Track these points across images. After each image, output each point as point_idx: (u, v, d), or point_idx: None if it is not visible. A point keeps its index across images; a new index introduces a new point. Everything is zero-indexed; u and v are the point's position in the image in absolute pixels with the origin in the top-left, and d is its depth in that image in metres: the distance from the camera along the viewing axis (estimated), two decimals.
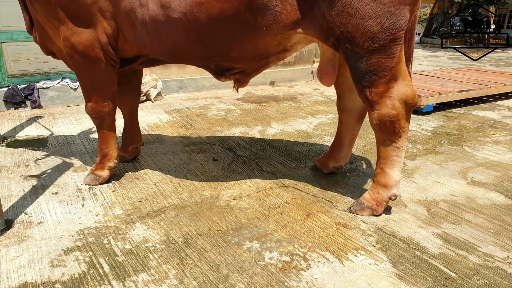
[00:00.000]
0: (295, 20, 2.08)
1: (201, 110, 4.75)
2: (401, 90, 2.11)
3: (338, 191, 2.65)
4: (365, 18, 1.93)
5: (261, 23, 2.07)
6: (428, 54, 12.90)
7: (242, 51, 2.25)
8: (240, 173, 2.92)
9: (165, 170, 2.95)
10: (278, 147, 3.49)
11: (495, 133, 4.06)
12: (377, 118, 2.15)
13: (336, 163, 2.84)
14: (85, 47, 2.28)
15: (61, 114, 4.45)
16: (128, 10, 2.18)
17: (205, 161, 3.13)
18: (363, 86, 2.11)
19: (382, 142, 2.23)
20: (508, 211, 2.44)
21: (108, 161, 2.65)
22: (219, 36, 2.14)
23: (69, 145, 3.45)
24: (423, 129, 4.14)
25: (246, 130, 3.99)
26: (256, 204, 2.45)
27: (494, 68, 9.43)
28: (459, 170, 3.06)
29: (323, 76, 2.50)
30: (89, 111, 2.53)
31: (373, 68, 2.04)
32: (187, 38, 2.18)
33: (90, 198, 2.49)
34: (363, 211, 2.33)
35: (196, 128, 4.00)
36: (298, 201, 2.50)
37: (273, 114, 4.65)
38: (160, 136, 3.73)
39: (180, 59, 2.41)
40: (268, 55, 2.37)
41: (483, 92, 5.32)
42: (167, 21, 2.10)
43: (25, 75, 4.66)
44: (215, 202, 2.46)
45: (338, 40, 2.05)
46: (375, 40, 1.97)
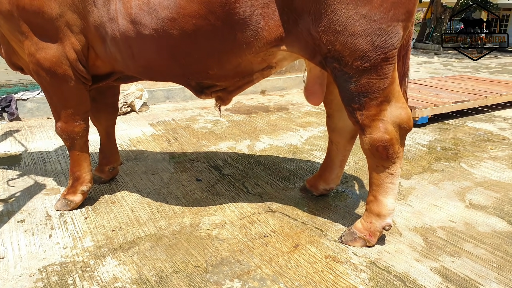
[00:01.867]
0: (278, 36, 1.90)
1: (187, 122, 4.56)
2: (395, 113, 1.94)
3: (328, 216, 2.47)
4: (354, 35, 1.75)
5: (241, 39, 1.89)
6: (422, 60, 12.81)
7: (221, 69, 2.06)
8: (224, 195, 2.73)
9: (143, 192, 2.75)
10: (267, 165, 3.31)
11: (493, 147, 3.91)
12: (369, 142, 1.97)
13: (326, 185, 2.66)
14: (52, 63, 2.09)
15: (39, 128, 4.23)
16: (97, 24, 1.99)
17: (187, 182, 2.93)
18: (353, 109, 1.94)
19: (375, 168, 2.06)
20: (510, 239, 2.27)
21: (81, 184, 2.45)
22: (196, 53, 1.96)
23: (44, 163, 3.24)
24: (418, 143, 3.98)
25: (233, 145, 3.80)
26: (239, 233, 2.26)
27: (488, 75, 9.34)
28: (456, 190, 2.90)
29: (310, 96, 2.32)
30: (59, 132, 2.33)
31: (363, 89, 1.87)
32: (161, 55, 1.99)
33: (59, 227, 2.29)
34: (355, 241, 2.15)
35: (181, 143, 3.81)
36: (285, 229, 2.32)
37: (262, 126, 4.47)
38: (142, 152, 3.53)
39: (155, 77, 2.22)
40: (251, 73, 2.19)
41: (479, 102, 5.19)
42: (138, 38, 1.92)
43: (2, 86, 4.42)
44: (195, 232, 2.27)
45: (326, 58, 1.87)
46: (366, 59, 1.79)
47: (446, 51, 16.23)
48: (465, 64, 11.76)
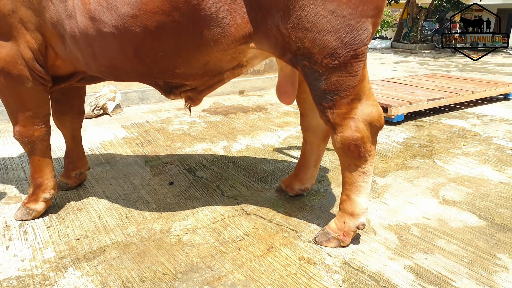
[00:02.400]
0: (247, 33, 1.84)
1: (162, 124, 4.46)
2: (366, 110, 1.91)
3: (303, 216, 2.43)
4: (322, 32, 1.71)
5: (208, 37, 1.83)
6: (399, 59, 13.00)
7: (189, 67, 1.99)
8: (197, 199, 2.65)
9: (112, 198, 2.65)
10: (243, 166, 3.25)
11: (465, 143, 3.95)
12: (340, 141, 1.94)
13: (301, 185, 2.62)
14: (6, 63, 1.98)
15: (3, 132, 4.06)
16: (55, 21, 1.89)
17: (159, 186, 2.85)
18: (324, 107, 1.90)
19: (347, 167, 2.02)
20: (481, 234, 2.27)
21: (43, 192, 2.33)
22: (160, 51, 1.88)
23: (6, 170, 3.09)
24: (394, 141, 3.99)
25: (209, 146, 3.73)
26: (212, 238, 2.19)
27: (462, 73, 9.53)
28: (430, 187, 2.90)
29: (281, 95, 2.28)
30: (16, 136, 2.21)
31: (334, 87, 1.83)
32: (124, 54, 1.91)
33: (18, 238, 2.17)
34: (329, 242, 2.11)
35: (155, 146, 3.71)
36: (259, 231, 2.26)
37: (240, 127, 4.41)
38: (113, 156, 3.42)
39: (119, 77, 2.13)
40: (222, 71, 2.12)
41: (453, 100, 5.26)
42: (98, 35, 1.83)
43: None
44: (164, 238, 2.19)
45: (295, 56, 1.83)
46: (335, 56, 1.76)
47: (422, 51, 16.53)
48: (440, 63, 11.99)
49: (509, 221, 2.43)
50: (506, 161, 3.45)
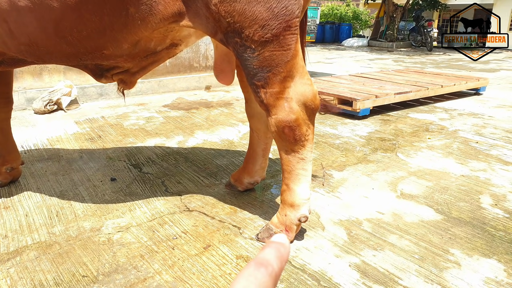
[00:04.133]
0: (176, 11, 1.68)
1: (118, 119, 4.24)
2: (299, 89, 1.77)
3: (250, 212, 2.27)
4: (251, 2, 1.58)
5: (134, 15, 1.66)
6: (374, 56, 13.00)
7: (117, 48, 1.82)
8: (138, 195, 2.47)
9: (47, 194, 2.44)
10: (195, 161, 3.07)
11: (431, 137, 3.86)
12: (275, 124, 1.80)
13: (251, 178, 2.46)
14: None
15: None
16: None
17: (100, 182, 2.65)
18: (256, 87, 1.76)
19: (284, 152, 1.88)
20: (436, 229, 2.16)
21: None
22: (83, 30, 1.70)
23: None
24: (357, 135, 3.87)
25: (163, 142, 3.54)
26: (145, 236, 2.01)
27: (435, 70, 9.55)
28: (389, 181, 2.78)
29: (219, 74, 2.14)
30: None
31: (266, 63, 1.69)
32: (43, 31, 1.72)
33: None
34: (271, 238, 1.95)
35: (104, 141, 3.50)
36: (199, 229, 2.09)
37: (200, 122, 4.23)
38: (57, 152, 3.19)
39: (42, 58, 1.93)
40: (155, 51, 1.96)
41: (421, 94, 5.19)
42: (13, 10, 1.64)
43: None
44: (93, 237, 2.00)
45: (227, 34, 1.68)
46: (267, 28, 1.62)
47: (398, 49, 16.64)
48: (415, 60, 12.03)
49: (466, 214, 2.33)
50: (470, 154, 3.37)
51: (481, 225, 2.20)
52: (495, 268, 1.83)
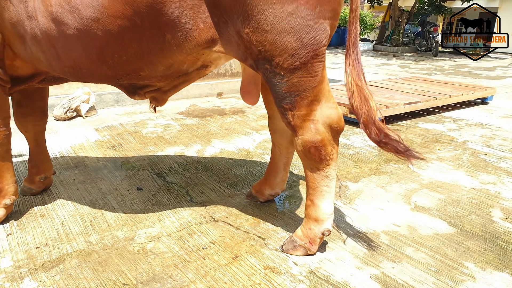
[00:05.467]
0: (209, 38, 1.80)
1: (136, 126, 4.37)
2: (325, 113, 1.89)
3: (272, 223, 2.40)
4: (282, 33, 1.69)
5: (171, 41, 1.78)
6: (381, 62, 13.10)
7: (153, 70, 1.95)
8: (165, 205, 2.59)
9: (78, 203, 2.57)
10: (215, 170, 3.20)
11: (441, 148, 3.97)
12: (301, 144, 1.92)
13: (272, 190, 2.58)
14: None
15: None
16: (14, 22, 1.82)
17: (127, 191, 2.78)
18: (284, 109, 1.88)
19: (310, 170, 2.00)
20: (450, 242, 2.27)
21: (3, 198, 2.25)
22: (124, 55, 1.83)
23: None
24: (369, 145, 3.99)
25: (182, 150, 3.66)
26: (176, 246, 2.14)
27: (441, 76, 9.65)
28: (403, 193, 2.90)
29: (245, 95, 2.27)
30: None
31: (294, 88, 1.81)
32: (87, 56, 1.85)
33: None
34: (295, 250, 2.08)
35: (126, 149, 3.63)
36: (226, 239, 2.22)
37: (216, 130, 4.36)
38: (82, 160, 3.33)
39: (83, 78, 2.07)
40: (186, 72, 2.09)
41: (430, 104, 5.30)
42: (62, 37, 1.77)
43: None
44: (128, 246, 2.12)
45: (257, 61, 1.80)
46: (296, 57, 1.74)
47: (404, 54, 16.73)
48: (421, 66, 12.12)
49: (478, 228, 2.44)
50: (479, 166, 3.48)
51: (493, 238, 2.32)
52: (508, 281, 1.94)
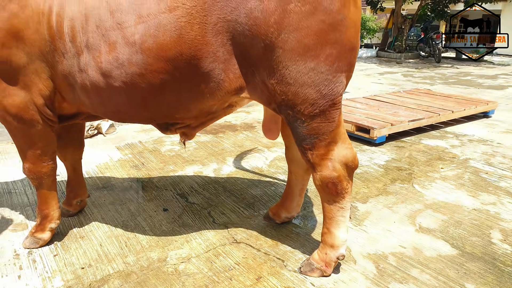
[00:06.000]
0: (238, 87, 2.05)
1: (154, 144, 4.63)
2: (342, 152, 2.13)
3: (289, 245, 2.63)
4: (304, 86, 1.93)
5: (204, 90, 2.03)
6: (384, 70, 13.32)
7: (186, 113, 2.20)
8: (190, 226, 2.84)
9: (111, 225, 2.82)
10: (232, 190, 3.44)
11: (444, 166, 4.20)
12: (319, 179, 2.16)
13: (288, 213, 2.82)
14: (19, 109, 2.15)
15: (4, 154, 4.19)
16: (66, 73, 2.07)
17: (154, 212, 3.03)
18: (304, 149, 2.12)
19: (327, 202, 2.24)
20: (452, 263, 2.50)
21: (49, 222, 2.50)
22: (163, 103, 2.08)
23: (10, 195, 3.24)
24: (376, 163, 4.22)
25: (200, 169, 3.91)
26: (205, 267, 2.38)
27: (444, 86, 9.86)
28: (408, 214, 3.13)
29: (267, 132, 2.52)
30: (26, 172, 2.38)
31: (314, 132, 2.05)
32: (130, 104, 2.10)
33: (28, 267, 2.34)
34: (312, 272, 2.32)
35: (148, 169, 3.88)
36: (249, 261, 2.46)
37: (229, 147, 4.60)
38: (109, 180, 3.58)
39: (123, 119, 2.33)
40: (215, 112, 2.34)
41: (433, 120, 5.53)
42: (108, 88, 2.02)
43: None
44: (162, 267, 2.37)
45: (280, 106, 2.04)
46: (315, 106, 1.98)
47: (407, 60, 16.95)
48: (424, 75, 12.32)
49: (478, 250, 2.67)
50: (480, 186, 3.71)
51: (492, 260, 2.55)
52: None
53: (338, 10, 1.83)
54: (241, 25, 1.85)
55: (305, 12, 1.80)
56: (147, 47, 1.87)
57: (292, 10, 1.79)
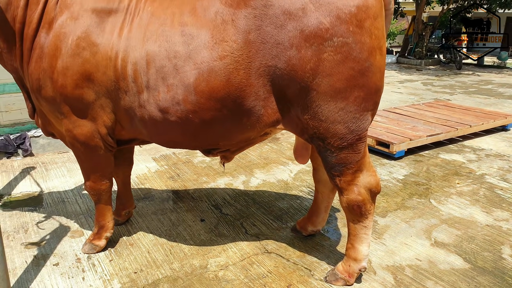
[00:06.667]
0: (275, 120, 2.37)
1: (187, 156, 4.99)
2: (366, 179, 2.42)
3: (316, 256, 2.93)
4: (334, 123, 2.23)
5: (246, 123, 2.35)
6: (404, 78, 13.44)
7: (229, 141, 2.53)
8: (226, 236, 3.17)
9: (156, 233, 3.18)
10: (261, 203, 3.76)
11: (460, 182, 4.42)
12: (346, 202, 2.45)
13: (314, 227, 3.13)
14: (86, 138, 2.52)
15: (52, 164, 4.61)
16: (127, 108, 2.42)
17: (193, 222, 3.37)
18: (333, 175, 2.42)
19: (352, 221, 2.53)
20: (464, 277, 2.76)
21: (105, 231, 2.87)
22: (211, 134, 2.42)
23: (64, 204, 3.64)
24: (394, 177, 4.48)
25: (230, 181, 4.24)
26: (241, 274, 2.71)
27: (464, 96, 9.95)
28: (424, 228, 3.39)
29: (298, 157, 2.83)
30: (87, 189, 2.75)
31: (342, 161, 2.34)
32: (183, 135, 2.44)
33: (89, 270, 2.71)
34: (337, 281, 2.62)
35: (183, 180, 4.24)
36: (279, 269, 2.77)
37: (255, 160, 4.92)
38: (149, 191, 3.95)
39: (174, 147, 2.69)
40: (253, 139, 2.66)
41: (451, 134, 5.74)
42: (164, 121, 2.36)
43: (16, 124, 4.82)
44: (204, 273, 2.71)
45: (312, 137, 2.34)
46: (344, 140, 2.27)
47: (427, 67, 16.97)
48: (444, 83, 12.40)
49: (489, 264, 2.91)
50: (494, 202, 3.93)
51: (501, 274, 2.79)
52: None
53: (365, 58, 2.13)
54: (280, 69, 2.17)
55: (337, 60, 2.10)
56: (201, 89, 2.21)
57: (325, 59, 2.10)
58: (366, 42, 2.12)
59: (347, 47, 2.09)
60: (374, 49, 2.16)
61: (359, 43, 2.11)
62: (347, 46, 2.09)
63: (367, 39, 2.12)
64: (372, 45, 2.15)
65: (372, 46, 2.15)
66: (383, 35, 2.22)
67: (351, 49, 2.10)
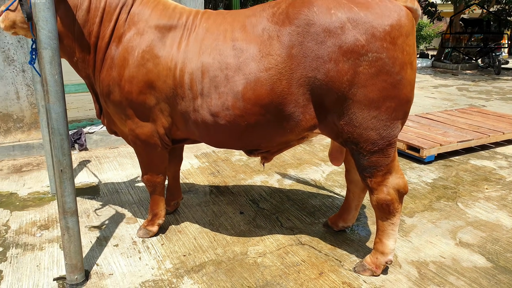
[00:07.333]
0: (312, 125, 2.66)
1: (226, 154, 5.35)
2: (395, 181, 2.67)
3: (345, 249, 3.21)
4: (367, 129, 2.50)
5: (286, 127, 2.66)
6: (438, 82, 13.35)
7: (270, 143, 2.85)
8: (263, 228, 3.49)
9: (201, 222, 3.54)
10: (295, 200, 4.06)
11: (489, 187, 4.55)
12: (376, 200, 2.72)
13: (345, 223, 3.40)
14: (147, 137, 2.90)
15: (105, 158, 5.09)
16: (183, 112, 2.78)
17: (233, 214, 3.71)
18: (364, 176, 2.68)
19: (380, 218, 2.79)
20: (486, 274, 2.96)
21: (158, 219, 3.25)
22: (255, 137, 2.74)
23: (118, 194, 4.07)
24: (423, 181, 4.66)
25: (266, 179, 4.56)
26: (278, 261, 3.02)
27: (501, 103, 9.82)
28: (450, 229, 3.59)
29: (333, 159, 3.10)
30: (144, 181, 3.14)
31: (373, 164, 2.61)
32: (230, 136, 2.77)
33: (144, 251, 3.09)
34: (365, 272, 2.88)
35: (223, 176, 4.59)
36: (312, 259, 3.06)
37: (289, 159, 5.22)
38: (193, 185, 4.33)
39: (221, 146, 3.04)
40: (291, 142, 2.96)
41: (482, 141, 5.82)
42: (215, 124, 2.70)
43: (74, 121, 5.33)
44: (244, 259, 3.04)
45: (346, 141, 2.62)
46: (375, 145, 2.54)
47: (464, 71, 16.68)
48: (480, 89, 12.23)
49: (511, 264, 3.09)
50: None
51: None
52: None
53: (397, 72, 2.40)
54: (319, 80, 2.46)
55: (372, 73, 2.38)
56: (248, 96, 2.54)
57: (361, 72, 2.38)
58: (398, 57, 2.39)
59: (381, 61, 2.37)
60: (406, 64, 2.42)
61: (392, 58, 2.37)
62: (381, 61, 2.36)
63: (399, 55, 2.39)
64: (403, 60, 2.41)
65: (404, 61, 2.41)
66: (414, 51, 2.47)
67: (384, 64, 2.37)
